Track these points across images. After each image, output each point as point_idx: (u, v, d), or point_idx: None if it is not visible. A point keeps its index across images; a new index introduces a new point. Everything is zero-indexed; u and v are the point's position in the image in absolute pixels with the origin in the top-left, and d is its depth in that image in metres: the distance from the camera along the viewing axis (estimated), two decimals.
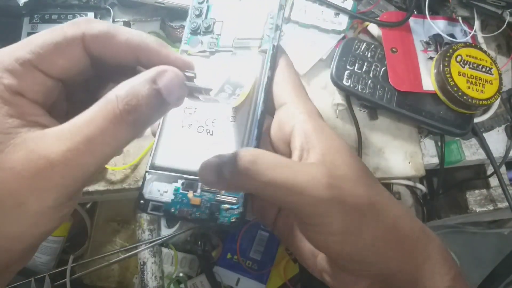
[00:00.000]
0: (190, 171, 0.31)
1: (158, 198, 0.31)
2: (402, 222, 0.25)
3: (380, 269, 0.25)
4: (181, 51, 0.33)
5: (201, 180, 0.24)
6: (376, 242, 0.24)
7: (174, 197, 0.31)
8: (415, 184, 0.53)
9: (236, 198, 0.29)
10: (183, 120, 0.32)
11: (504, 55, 0.53)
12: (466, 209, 0.54)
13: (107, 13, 0.45)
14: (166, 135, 0.32)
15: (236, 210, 0.29)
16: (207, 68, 0.31)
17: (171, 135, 0.32)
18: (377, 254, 0.24)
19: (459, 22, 0.48)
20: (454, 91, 0.42)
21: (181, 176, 0.31)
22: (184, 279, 0.59)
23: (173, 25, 0.44)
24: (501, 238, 1.05)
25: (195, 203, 0.30)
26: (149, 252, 0.56)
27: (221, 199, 0.30)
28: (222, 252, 0.63)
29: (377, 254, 0.24)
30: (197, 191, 0.30)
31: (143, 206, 0.31)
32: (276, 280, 0.63)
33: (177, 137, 0.32)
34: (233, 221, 0.29)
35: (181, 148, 0.31)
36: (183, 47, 0.33)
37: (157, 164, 0.32)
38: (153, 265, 0.56)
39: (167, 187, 0.31)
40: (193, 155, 0.31)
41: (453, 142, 0.49)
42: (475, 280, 0.57)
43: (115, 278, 0.57)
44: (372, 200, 0.24)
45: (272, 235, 0.64)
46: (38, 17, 0.44)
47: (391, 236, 0.25)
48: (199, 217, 0.30)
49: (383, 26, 0.46)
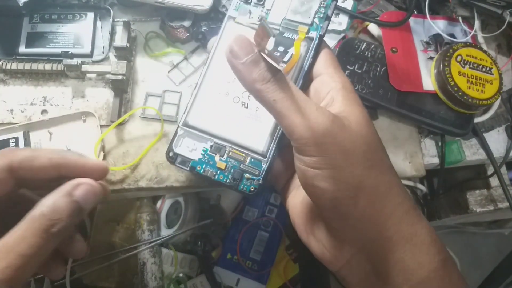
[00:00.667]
0: (220, 136, 0.33)
1: (186, 154, 0.33)
2: (394, 192, 0.27)
3: (360, 229, 0.27)
4: (228, 17, 0.34)
5: (230, 47, 0.25)
6: (361, 192, 0.26)
7: (202, 157, 0.33)
8: (415, 184, 0.53)
9: (258, 170, 0.32)
10: (221, 87, 0.33)
11: (505, 55, 0.52)
12: (467, 209, 0.54)
13: (107, 13, 0.45)
14: (202, 97, 0.33)
15: (257, 181, 0.32)
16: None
17: (207, 98, 0.33)
18: (357, 204, 0.26)
19: (459, 22, 0.48)
20: (454, 91, 0.42)
21: (211, 139, 0.33)
22: (184, 280, 0.59)
23: (173, 25, 0.44)
24: (502, 238, 1.05)
25: (220, 167, 0.32)
26: (149, 253, 0.56)
27: (245, 169, 0.32)
28: (222, 253, 0.62)
29: (358, 204, 0.26)
30: (224, 156, 0.33)
31: (172, 159, 0.33)
32: (276, 280, 0.63)
33: (213, 102, 0.33)
34: (252, 190, 0.32)
35: (214, 113, 0.33)
36: (231, 12, 0.34)
37: (190, 122, 0.33)
38: (153, 265, 0.56)
39: (196, 145, 0.33)
40: (225, 123, 0.33)
41: (454, 142, 0.49)
42: (475, 280, 0.57)
43: (115, 278, 0.57)
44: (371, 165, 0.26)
45: (272, 235, 0.64)
46: (38, 17, 0.44)
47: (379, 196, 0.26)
48: (222, 181, 0.32)
49: (383, 26, 0.46)
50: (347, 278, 0.29)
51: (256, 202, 0.66)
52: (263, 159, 0.32)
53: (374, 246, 0.27)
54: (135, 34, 0.45)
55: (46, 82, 0.43)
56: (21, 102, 0.42)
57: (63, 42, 0.43)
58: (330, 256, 0.29)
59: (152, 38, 0.46)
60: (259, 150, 0.32)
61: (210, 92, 0.33)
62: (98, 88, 0.43)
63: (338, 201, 0.26)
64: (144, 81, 0.44)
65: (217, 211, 0.61)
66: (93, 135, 0.41)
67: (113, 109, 0.42)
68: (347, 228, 0.27)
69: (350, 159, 0.25)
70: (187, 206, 0.58)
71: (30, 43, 0.43)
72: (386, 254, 0.26)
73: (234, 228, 0.64)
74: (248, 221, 0.64)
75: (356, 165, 0.26)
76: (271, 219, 0.64)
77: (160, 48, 0.46)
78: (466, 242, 1.07)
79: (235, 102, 0.33)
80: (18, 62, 0.42)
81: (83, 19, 0.44)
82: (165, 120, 0.42)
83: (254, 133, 0.32)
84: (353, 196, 0.26)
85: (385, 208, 0.26)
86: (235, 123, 0.33)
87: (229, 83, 0.33)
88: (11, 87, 0.43)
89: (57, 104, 0.43)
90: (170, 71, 0.45)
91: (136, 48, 0.45)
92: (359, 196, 0.26)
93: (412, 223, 0.27)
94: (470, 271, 1.02)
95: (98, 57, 0.43)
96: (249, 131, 0.32)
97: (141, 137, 0.42)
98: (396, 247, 0.26)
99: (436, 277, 0.26)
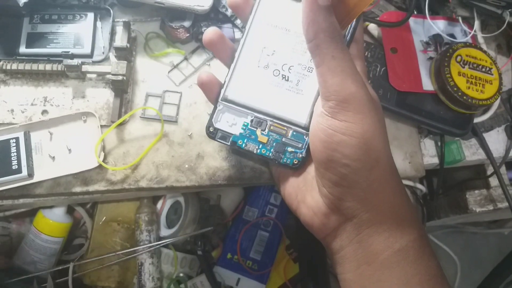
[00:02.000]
0: (260, 110, 0.33)
1: (226, 129, 0.33)
2: (396, 173, 0.30)
3: (360, 200, 0.28)
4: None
5: None
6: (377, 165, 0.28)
7: (243, 132, 0.33)
8: (415, 184, 0.53)
9: (301, 143, 0.32)
10: (260, 60, 0.33)
11: (504, 55, 0.53)
12: (466, 209, 0.54)
13: (107, 13, 0.45)
14: (240, 71, 0.33)
15: (300, 154, 0.32)
16: None
17: (246, 72, 0.33)
18: (369, 177, 0.28)
19: (459, 22, 0.48)
20: (454, 91, 0.42)
21: (251, 113, 0.33)
22: (184, 279, 0.59)
23: (173, 25, 0.44)
24: (501, 238, 1.05)
25: (262, 141, 0.32)
26: (147, 254, 0.56)
27: (288, 142, 0.32)
28: (222, 252, 0.63)
29: (369, 177, 0.28)
30: (265, 130, 0.32)
31: (212, 134, 0.33)
32: (276, 280, 0.63)
33: (252, 76, 0.33)
34: (295, 163, 0.32)
35: (254, 87, 0.33)
36: None
37: (229, 97, 0.33)
38: (150, 266, 0.56)
39: (236, 120, 0.33)
40: (266, 96, 0.33)
41: (453, 142, 0.49)
42: (475, 280, 0.57)
43: (115, 278, 0.57)
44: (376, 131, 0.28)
45: (272, 235, 0.64)
46: (38, 17, 0.44)
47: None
48: (264, 154, 0.32)
49: (383, 26, 0.46)
50: (331, 245, 0.30)
51: (256, 202, 0.66)
52: (305, 131, 0.32)
53: (367, 217, 0.28)
54: (135, 34, 0.45)
55: (46, 83, 0.43)
56: (22, 103, 0.42)
57: (63, 42, 0.43)
58: (319, 223, 0.30)
59: (152, 38, 0.46)
60: (301, 123, 0.32)
61: (248, 65, 0.33)
62: (99, 88, 0.43)
63: (353, 170, 0.27)
64: (144, 81, 0.44)
65: (217, 211, 0.61)
66: (94, 135, 0.41)
67: (114, 109, 0.42)
68: (347, 197, 0.28)
69: (376, 133, 0.28)
70: (187, 206, 0.58)
71: (31, 43, 0.43)
72: (376, 225, 0.28)
73: (234, 228, 0.64)
74: (248, 221, 0.64)
75: (379, 140, 0.28)
76: (271, 219, 0.64)
77: (160, 48, 0.46)
78: (466, 242, 1.07)
79: (275, 75, 0.32)
80: (19, 62, 0.42)
81: (83, 19, 0.44)
82: (165, 120, 0.43)
83: (296, 106, 0.32)
84: (370, 168, 0.27)
85: (389, 185, 0.28)
86: (276, 97, 0.32)
87: (268, 56, 0.32)
88: (12, 88, 0.43)
89: (58, 105, 0.43)
90: (170, 71, 0.45)
91: (136, 48, 0.45)
92: (374, 170, 0.27)
93: (403, 204, 0.29)
94: (470, 271, 1.02)
95: (98, 57, 0.43)
96: (290, 104, 0.32)
97: (142, 137, 0.42)
98: (385, 219, 0.28)
99: (415, 246, 0.28)
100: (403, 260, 0.27)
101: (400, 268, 0.27)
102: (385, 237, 0.28)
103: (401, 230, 0.28)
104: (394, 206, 0.29)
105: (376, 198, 0.28)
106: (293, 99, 0.32)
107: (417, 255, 0.28)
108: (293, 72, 0.32)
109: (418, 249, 0.28)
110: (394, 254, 0.27)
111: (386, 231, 0.28)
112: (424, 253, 0.28)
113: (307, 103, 0.32)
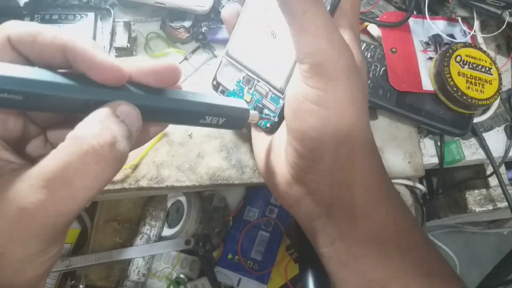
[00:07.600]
0: (250, 68, 0.32)
1: (225, 84, 0.33)
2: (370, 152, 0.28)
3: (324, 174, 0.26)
4: None
5: None
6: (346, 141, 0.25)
7: (236, 88, 0.33)
8: (414, 184, 0.53)
9: (275, 106, 0.31)
10: (257, 14, 0.31)
11: (504, 55, 0.53)
12: (466, 209, 0.54)
13: (107, 14, 0.45)
14: (242, 27, 0.32)
15: (272, 118, 0.31)
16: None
17: (246, 28, 0.32)
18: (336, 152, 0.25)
19: (459, 22, 0.48)
20: (453, 91, 0.42)
21: (244, 71, 0.32)
22: (184, 280, 0.59)
23: (174, 25, 0.44)
24: (501, 238, 1.05)
25: (246, 99, 0.32)
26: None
27: (266, 104, 0.32)
28: (223, 253, 0.63)
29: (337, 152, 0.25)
30: (251, 89, 0.32)
31: (215, 87, 0.34)
32: (277, 280, 0.63)
33: (249, 32, 0.32)
34: (268, 126, 0.32)
35: (249, 44, 0.32)
36: None
37: (230, 53, 0.33)
38: (140, 259, 0.56)
39: (233, 76, 0.33)
40: (256, 54, 0.32)
41: (453, 142, 0.49)
42: (475, 280, 0.57)
43: (115, 278, 0.57)
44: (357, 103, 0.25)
45: (273, 235, 0.64)
46: (38, 17, 0.44)
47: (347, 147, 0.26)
48: None
49: (382, 26, 0.47)
50: (297, 215, 0.29)
51: (257, 202, 0.66)
52: (281, 95, 0.30)
53: (329, 194, 0.27)
54: (135, 34, 0.45)
55: None
56: None
57: None
58: (282, 192, 0.29)
59: (152, 38, 0.46)
60: (277, 86, 0.30)
61: (249, 21, 0.31)
62: None
63: (320, 143, 0.25)
64: None
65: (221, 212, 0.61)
66: None
67: None
68: (311, 170, 0.26)
69: (350, 105, 0.25)
70: (189, 206, 0.58)
71: None
72: (347, 200, 0.27)
73: (235, 228, 0.64)
74: (249, 221, 0.64)
75: (353, 112, 0.25)
76: (272, 219, 0.65)
77: (160, 48, 0.46)
78: (465, 241, 1.07)
79: (266, 32, 0.30)
80: None
81: (84, 19, 0.44)
82: None
83: (277, 67, 0.30)
84: (337, 143, 0.25)
85: (359, 161, 0.26)
86: (263, 55, 0.31)
87: (265, 9, 0.30)
88: None
89: None
90: None
91: (136, 48, 0.46)
92: (342, 144, 0.25)
93: (377, 182, 0.27)
94: (469, 270, 1.03)
95: None
96: (273, 65, 0.31)
97: None
98: (354, 194, 0.26)
99: (388, 222, 0.27)
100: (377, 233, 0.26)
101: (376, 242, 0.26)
102: (351, 212, 0.26)
103: (369, 203, 0.26)
104: (364, 183, 0.26)
105: (342, 174, 0.26)
106: (276, 60, 0.30)
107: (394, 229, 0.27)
108: (280, 30, 0.30)
109: (394, 223, 0.27)
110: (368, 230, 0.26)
111: (354, 207, 0.26)
112: (397, 224, 0.27)
113: (287, 65, 0.30)
